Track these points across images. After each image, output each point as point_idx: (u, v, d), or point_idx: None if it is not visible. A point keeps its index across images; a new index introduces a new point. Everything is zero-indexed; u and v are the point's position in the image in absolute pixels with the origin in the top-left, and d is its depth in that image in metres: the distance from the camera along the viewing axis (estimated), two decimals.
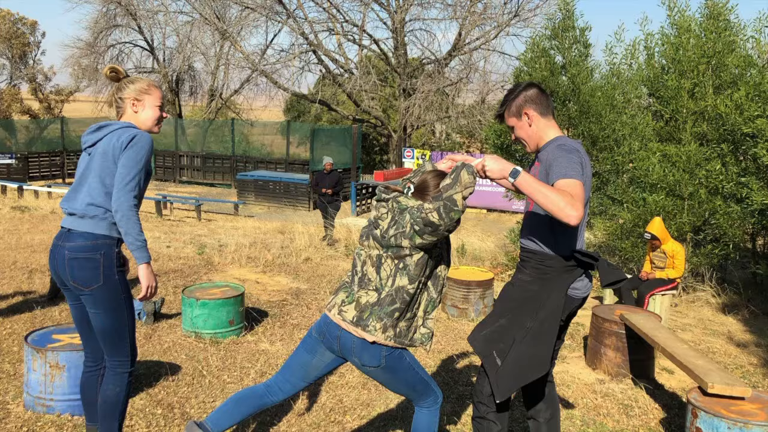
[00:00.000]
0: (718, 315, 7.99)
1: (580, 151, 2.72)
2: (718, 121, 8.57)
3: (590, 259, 2.75)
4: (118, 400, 2.90)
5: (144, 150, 2.79)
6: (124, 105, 2.95)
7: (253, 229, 13.26)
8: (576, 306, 2.90)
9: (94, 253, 2.76)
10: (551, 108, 2.88)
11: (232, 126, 26.02)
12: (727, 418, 3.51)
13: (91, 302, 2.81)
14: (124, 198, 2.73)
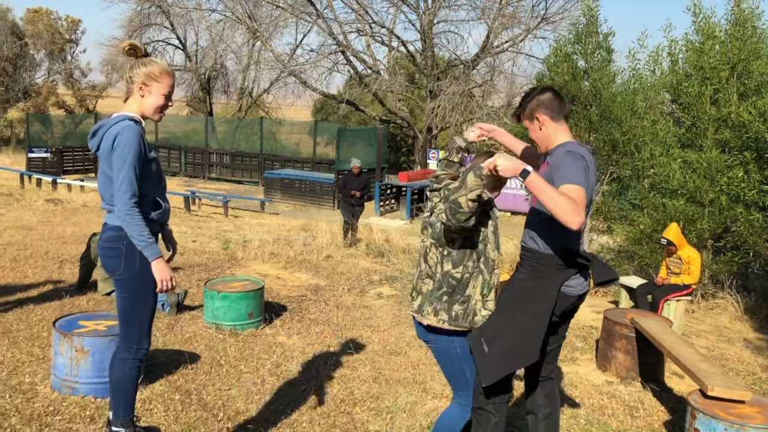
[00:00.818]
0: (735, 323, 7.98)
1: (586, 158, 2.83)
2: (742, 128, 8.54)
3: (584, 260, 2.87)
4: (121, 384, 3.00)
5: (127, 148, 2.82)
6: (133, 86, 2.97)
7: (278, 226, 13.50)
8: (572, 303, 3.00)
9: (117, 243, 2.93)
10: (564, 112, 2.97)
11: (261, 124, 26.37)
12: (725, 420, 3.58)
13: (117, 286, 3.01)
14: (120, 203, 2.83)
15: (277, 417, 4.10)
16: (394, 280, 8.62)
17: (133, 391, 3.05)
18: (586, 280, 3.00)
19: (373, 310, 6.98)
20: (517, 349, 2.82)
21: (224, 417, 4.02)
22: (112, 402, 3.06)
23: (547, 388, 3.20)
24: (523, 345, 2.83)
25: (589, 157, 2.87)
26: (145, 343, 3.05)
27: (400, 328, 6.36)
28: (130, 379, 3.01)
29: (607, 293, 8.76)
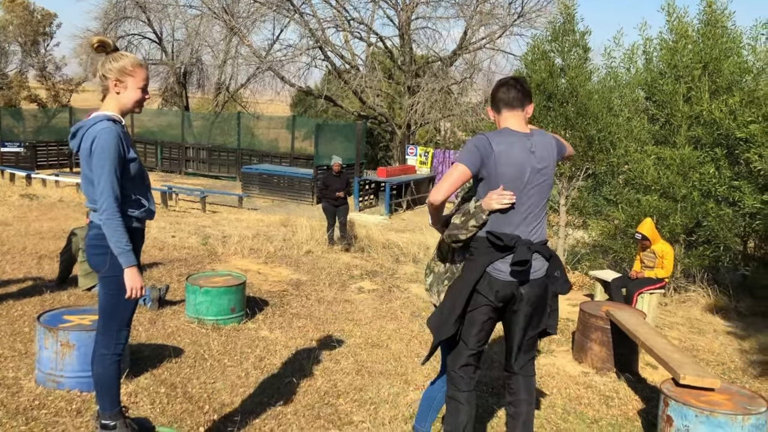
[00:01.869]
0: (706, 315, 8.20)
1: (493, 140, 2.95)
2: (713, 125, 8.78)
3: (499, 241, 2.96)
4: (103, 380, 3.03)
5: (106, 151, 2.82)
6: (107, 83, 2.95)
7: (256, 222, 13.50)
8: (509, 290, 3.00)
9: (103, 241, 2.94)
10: (506, 102, 3.06)
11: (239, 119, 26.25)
12: (695, 407, 3.73)
13: (101, 283, 3.05)
14: (104, 205, 2.85)
15: (262, 409, 4.16)
16: (375, 274, 8.70)
17: (116, 384, 3.08)
18: (519, 266, 2.95)
19: (354, 304, 7.06)
20: (437, 327, 3.09)
21: (210, 409, 4.07)
22: (97, 397, 3.10)
23: (527, 381, 3.24)
24: (440, 320, 3.07)
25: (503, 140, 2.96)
26: (122, 338, 3.08)
27: (382, 322, 6.45)
28: (111, 374, 3.04)
29: (583, 287, 8.95)
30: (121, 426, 3.01)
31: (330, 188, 11.16)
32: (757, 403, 3.85)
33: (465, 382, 3.09)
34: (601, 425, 4.37)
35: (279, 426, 3.93)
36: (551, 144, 3.08)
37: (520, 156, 2.96)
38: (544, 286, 3.07)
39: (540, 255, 3.03)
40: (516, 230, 2.99)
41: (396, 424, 4.10)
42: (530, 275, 3.01)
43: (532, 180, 2.98)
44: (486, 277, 2.99)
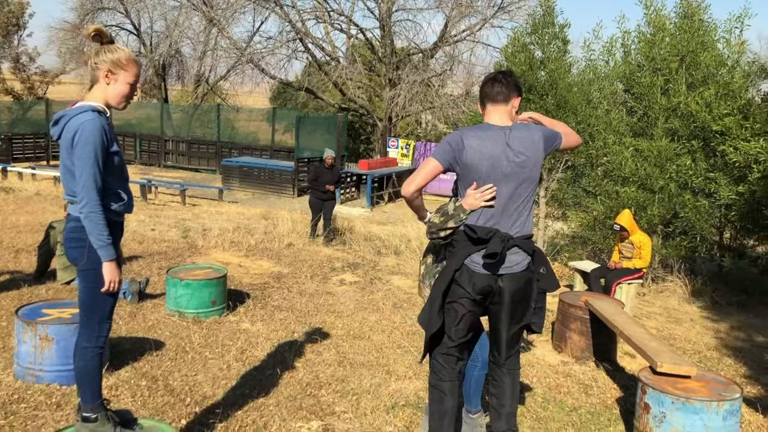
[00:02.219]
0: (683, 304, 8.33)
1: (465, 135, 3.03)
2: (690, 118, 8.89)
3: (474, 234, 2.99)
4: (85, 373, 3.01)
5: (90, 143, 2.79)
6: (98, 73, 2.92)
7: (237, 215, 13.44)
8: (487, 283, 3.01)
9: (81, 234, 2.91)
10: (491, 97, 3.11)
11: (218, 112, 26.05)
12: (672, 394, 3.80)
13: (80, 277, 3.02)
14: (86, 199, 2.82)
15: (244, 401, 4.17)
16: (357, 266, 8.72)
17: (97, 377, 3.07)
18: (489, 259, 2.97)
19: (336, 297, 7.07)
20: (425, 318, 3.11)
21: (191, 401, 4.07)
22: (78, 390, 3.08)
23: (511, 374, 3.23)
24: (426, 315, 3.10)
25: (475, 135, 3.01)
26: (104, 330, 3.06)
27: (364, 314, 6.47)
28: (92, 367, 3.03)
29: (563, 277, 9.03)
30: (102, 418, 3.00)
31: (320, 180, 10.92)
32: (731, 389, 3.93)
33: (447, 371, 3.12)
34: (580, 413, 4.44)
35: (261, 417, 3.94)
36: (533, 138, 3.04)
37: (493, 150, 2.98)
38: (526, 280, 3.07)
39: (520, 249, 3.02)
40: (495, 224, 3.00)
41: (378, 414, 4.13)
42: (509, 269, 3.01)
43: (509, 173, 2.98)
44: (464, 269, 3.02)
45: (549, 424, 4.21)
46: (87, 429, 2.98)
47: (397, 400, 4.37)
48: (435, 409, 3.11)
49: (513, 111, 3.11)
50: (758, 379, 5.50)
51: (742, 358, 6.08)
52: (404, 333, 5.93)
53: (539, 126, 3.17)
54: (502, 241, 2.94)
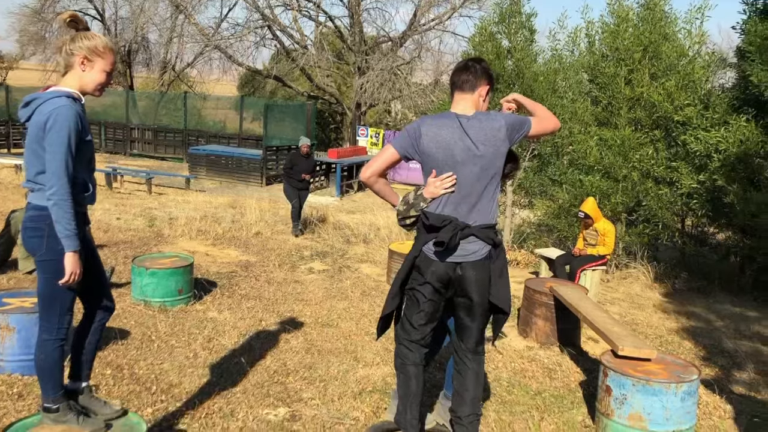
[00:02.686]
0: (645, 290, 8.51)
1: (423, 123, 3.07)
2: (652, 107, 9.04)
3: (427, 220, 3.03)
4: (46, 365, 2.96)
5: (64, 129, 2.74)
6: (73, 59, 2.87)
7: (204, 203, 13.31)
8: (445, 270, 3.02)
9: (40, 223, 2.85)
10: (457, 86, 3.13)
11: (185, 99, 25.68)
12: (633, 377, 3.89)
13: (38, 267, 2.95)
14: (56, 186, 2.75)
15: (211, 389, 4.16)
16: (325, 255, 8.72)
17: (58, 370, 3.01)
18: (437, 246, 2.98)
19: (304, 285, 7.08)
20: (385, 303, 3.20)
21: (157, 390, 4.05)
22: (40, 382, 3.03)
23: (476, 360, 3.24)
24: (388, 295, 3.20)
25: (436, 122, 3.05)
26: (65, 322, 2.99)
27: (332, 302, 6.49)
28: (53, 360, 2.97)
29: (529, 264, 9.15)
30: (64, 409, 2.96)
31: (295, 169, 10.58)
32: (689, 371, 4.04)
33: (412, 355, 3.15)
34: (545, 396, 4.52)
35: (228, 405, 3.94)
36: (494, 126, 3.02)
37: (449, 137, 2.99)
38: (486, 267, 3.07)
39: (478, 238, 3.02)
40: (453, 212, 3.01)
41: (345, 399, 4.16)
42: (465, 257, 3.00)
43: (467, 162, 2.98)
44: (423, 256, 3.05)
45: (514, 407, 4.29)
46: (49, 419, 2.95)
47: (365, 386, 4.41)
48: (401, 393, 3.15)
49: (480, 100, 3.11)
50: (716, 362, 5.66)
51: (701, 341, 6.25)
52: (372, 320, 5.96)
53: (505, 114, 3.16)
54: (453, 229, 2.95)
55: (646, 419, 3.83)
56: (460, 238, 2.97)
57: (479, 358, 3.23)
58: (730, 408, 4.54)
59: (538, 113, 3.24)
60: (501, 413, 4.17)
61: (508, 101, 3.37)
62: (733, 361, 5.70)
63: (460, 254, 3.01)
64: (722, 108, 8.60)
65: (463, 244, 3.00)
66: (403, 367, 3.15)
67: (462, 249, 3.00)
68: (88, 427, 2.96)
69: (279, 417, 3.86)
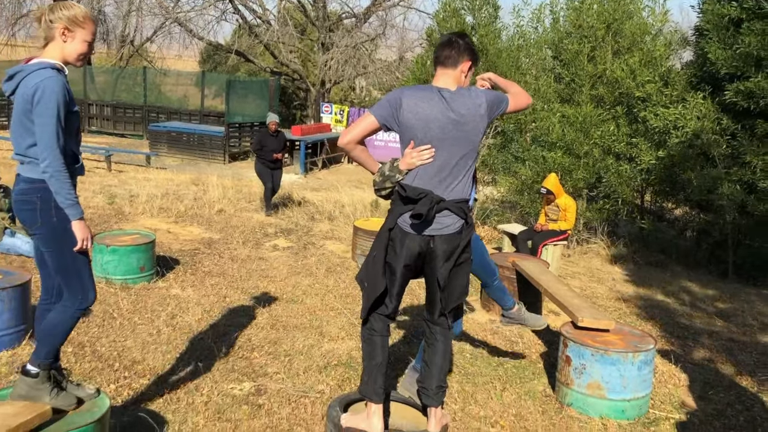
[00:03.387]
0: (606, 265, 8.70)
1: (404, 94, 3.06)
2: (614, 84, 9.17)
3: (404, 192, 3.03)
4: (54, 329, 2.92)
5: (52, 100, 2.72)
6: (53, 31, 2.83)
7: (166, 181, 13.11)
8: (418, 242, 3.03)
9: (31, 196, 2.82)
10: (440, 61, 3.13)
11: (144, 75, 25.13)
12: (591, 347, 3.99)
13: (38, 242, 2.92)
14: (49, 158, 2.73)
15: (174, 365, 4.14)
16: (290, 232, 8.69)
17: (62, 338, 2.97)
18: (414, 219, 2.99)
19: (269, 262, 7.05)
20: (365, 276, 3.14)
21: (120, 366, 4.02)
22: (37, 343, 2.97)
23: (443, 333, 3.24)
24: (368, 273, 3.12)
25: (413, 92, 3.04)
26: (91, 295, 2.97)
27: (297, 278, 6.49)
28: (64, 328, 2.94)
29: (492, 240, 9.26)
30: (42, 377, 2.89)
31: (265, 149, 10.10)
32: (646, 341, 4.17)
33: (380, 326, 3.17)
34: (507, 368, 4.61)
35: (192, 380, 3.93)
36: (476, 102, 3.02)
37: (429, 110, 2.98)
38: (456, 241, 3.07)
39: (451, 212, 3.03)
40: (428, 185, 3.02)
41: (310, 373, 4.18)
42: (439, 230, 3.02)
43: (446, 135, 2.98)
44: (397, 229, 3.06)
45: (476, 378, 4.37)
46: (24, 383, 2.87)
47: (330, 360, 4.44)
48: (366, 363, 3.17)
49: (462, 76, 3.10)
50: (672, 332, 5.83)
51: (657, 313, 6.42)
52: (337, 296, 5.98)
53: (485, 90, 3.15)
54: (430, 202, 2.97)
55: (604, 388, 3.94)
56: (435, 212, 2.99)
57: (446, 333, 3.27)
58: (685, 376, 4.70)
59: (511, 90, 3.29)
60: (464, 384, 4.25)
61: (483, 79, 3.40)
62: (687, 332, 5.88)
63: (434, 228, 3.02)
64: (681, 85, 8.77)
65: (439, 218, 3.01)
66: (370, 339, 3.17)
67: (437, 222, 3.01)
68: (59, 402, 2.91)
69: (244, 391, 3.87)
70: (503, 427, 3.74)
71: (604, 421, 3.90)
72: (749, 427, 3.97)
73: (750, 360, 5.23)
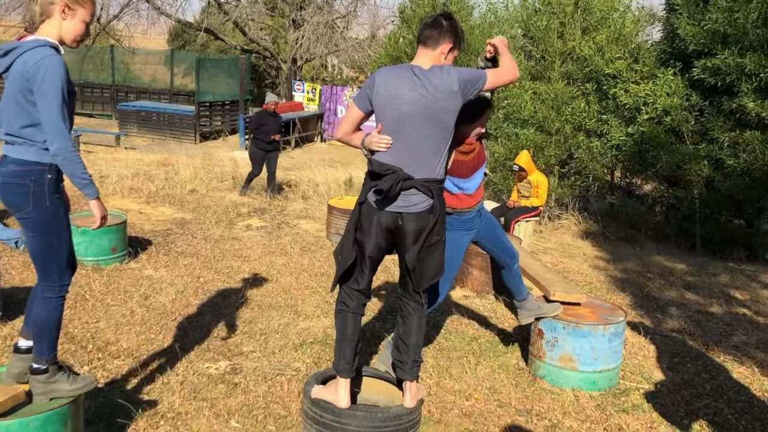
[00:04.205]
0: (577, 240, 8.82)
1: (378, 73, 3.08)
2: (584, 61, 9.23)
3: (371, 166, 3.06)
4: (46, 323, 2.87)
5: (57, 79, 2.63)
6: (53, 8, 2.72)
7: (136, 161, 12.94)
8: (387, 218, 3.04)
9: (23, 179, 2.71)
10: (421, 40, 3.12)
11: (112, 54, 24.64)
12: (563, 320, 4.07)
13: (24, 226, 2.82)
14: (58, 141, 2.64)
15: (149, 345, 4.13)
16: (263, 212, 8.65)
17: (57, 329, 2.93)
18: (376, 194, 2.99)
19: (242, 242, 7.02)
20: (339, 250, 3.16)
21: (93, 348, 3.99)
22: (35, 342, 2.92)
23: (417, 308, 3.26)
24: (341, 250, 3.16)
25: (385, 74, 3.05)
26: (66, 279, 2.92)
27: (271, 257, 6.47)
28: (55, 318, 2.89)
29: None
30: (53, 370, 2.86)
31: (263, 128, 9.82)
32: (616, 314, 4.25)
33: (352, 303, 3.19)
34: (480, 342, 4.68)
35: (167, 360, 3.92)
36: (447, 81, 2.98)
37: (399, 87, 2.97)
38: (427, 219, 3.07)
39: (419, 191, 3.02)
40: (398, 162, 3.01)
41: (286, 351, 4.20)
42: (406, 208, 3.02)
43: (416, 112, 2.96)
44: (366, 203, 3.07)
45: (451, 353, 4.42)
46: (38, 381, 2.83)
47: (305, 338, 4.46)
48: (337, 337, 3.21)
49: (442, 57, 3.08)
50: (641, 305, 5.96)
51: (627, 286, 6.55)
52: (312, 274, 5.99)
53: (460, 69, 3.12)
54: (395, 179, 2.96)
55: (575, 360, 4.02)
56: (401, 189, 2.98)
57: (421, 308, 3.29)
58: (654, 348, 4.81)
59: (502, 62, 3.26)
60: (439, 359, 4.30)
61: (490, 43, 3.43)
62: (657, 304, 6.01)
63: (401, 204, 3.02)
64: (651, 61, 8.86)
65: (405, 195, 3.01)
66: (342, 313, 3.20)
67: (403, 200, 3.01)
68: (79, 385, 2.88)
69: (220, 370, 3.87)
70: (477, 400, 3.80)
71: (575, 393, 3.98)
72: (716, 395, 4.08)
73: (717, 330, 5.37)
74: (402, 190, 2.99)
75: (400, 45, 9.75)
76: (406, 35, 9.63)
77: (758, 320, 5.71)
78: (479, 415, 3.63)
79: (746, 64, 7.64)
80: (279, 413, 3.45)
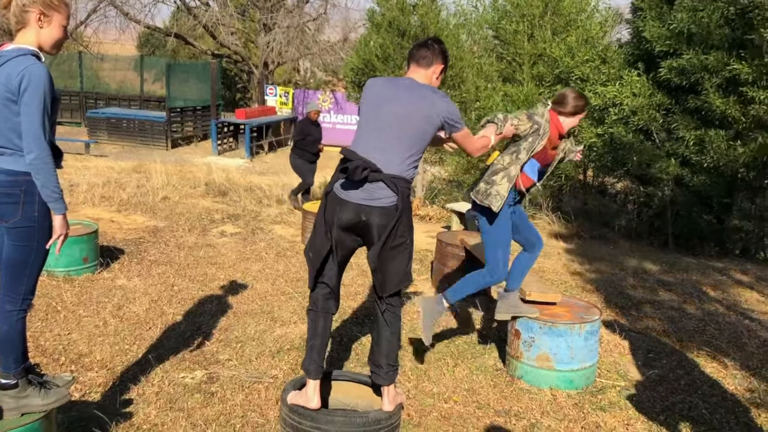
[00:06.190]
0: (551, 240, 8.89)
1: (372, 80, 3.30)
2: (554, 63, 9.32)
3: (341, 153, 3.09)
4: (9, 338, 2.80)
5: (40, 89, 2.59)
6: (28, 15, 2.67)
7: (106, 169, 12.76)
8: (351, 211, 3.04)
9: (14, 189, 2.68)
10: (415, 59, 3.27)
11: (80, 60, 24.31)
12: (539, 320, 4.09)
13: (8, 234, 2.76)
14: (36, 150, 2.61)
15: (123, 356, 4.07)
16: (238, 218, 8.58)
17: (21, 342, 2.86)
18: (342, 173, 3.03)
19: (216, 248, 6.96)
20: (310, 250, 3.18)
21: (66, 360, 3.92)
22: (1, 356, 2.86)
23: (392, 310, 3.25)
24: (311, 245, 3.18)
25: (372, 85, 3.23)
26: (31, 294, 2.86)
27: (246, 264, 6.42)
28: (17, 332, 2.82)
29: (441, 219, 9.36)
30: (23, 384, 2.79)
31: (309, 138, 9.30)
32: (591, 312, 4.29)
33: (321, 304, 3.18)
34: (458, 344, 4.69)
35: (142, 372, 3.86)
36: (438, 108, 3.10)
37: (385, 90, 3.16)
38: (392, 216, 3.06)
39: (386, 186, 3.03)
40: (369, 155, 3.04)
41: (263, 359, 4.17)
42: (372, 201, 3.02)
43: (392, 112, 3.07)
44: (332, 194, 3.09)
45: (429, 355, 4.43)
46: (8, 397, 2.76)
47: (282, 344, 4.43)
48: (308, 336, 3.22)
49: (434, 77, 3.26)
50: (616, 303, 6.02)
51: (602, 285, 6.62)
52: (288, 280, 5.96)
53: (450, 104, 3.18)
54: (363, 164, 2.99)
55: (552, 359, 4.05)
56: (368, 179, 2.99)
57: (395, 308, 3.29)
58: (629, 345, 4.87)
59: (479, 136, 3.61)
60: (416, 362, 4.30)
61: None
62: (631, 302, 6.08)
63: (366, 197, 3.01)
64: (618, 63, 8.98)
65: (371, 189, 3.01)
66: (311, 313, 3.22)
67: (369, 192, 3.01)
68: (51, 400, 2.82)
69: (196, 380, 3.83)
70: (456, 402, 3.81)
71: (553, 392, 4.01)
72: (690, 390, 4.14)
73: (690, 326, 5.45)
74: (368, 181, 3.01)
75: (371, 48, 9.76)
76: (376, 39, 9.65)
77: (729, 315, 5.81)
78: (458, 417, 3.64)
79: (710, 62, 7.77)
80: (257, 421, 3.42)
